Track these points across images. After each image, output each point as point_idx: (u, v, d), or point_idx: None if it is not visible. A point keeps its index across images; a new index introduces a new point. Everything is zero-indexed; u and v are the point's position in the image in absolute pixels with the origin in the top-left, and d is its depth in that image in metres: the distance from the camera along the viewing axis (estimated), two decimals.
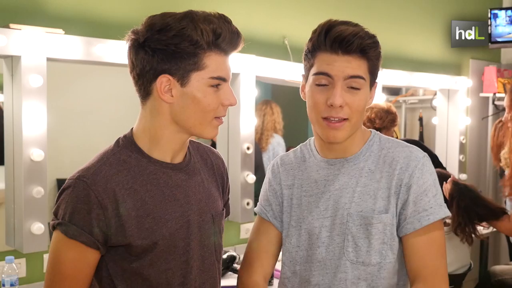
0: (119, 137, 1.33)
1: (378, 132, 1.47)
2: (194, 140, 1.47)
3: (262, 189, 1.55)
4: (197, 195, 1.35)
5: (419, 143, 3.53)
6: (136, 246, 1.24)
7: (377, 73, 1.39)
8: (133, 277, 1.27)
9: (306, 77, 1.40)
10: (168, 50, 1.21)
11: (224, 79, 1.26)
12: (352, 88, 1.31)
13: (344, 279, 1.35)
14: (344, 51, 1.30)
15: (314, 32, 1.36)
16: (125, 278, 1.27)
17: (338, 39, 1.29)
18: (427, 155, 1.38)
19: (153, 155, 1.29)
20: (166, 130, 1.28)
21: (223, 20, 1.24)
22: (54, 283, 1.24)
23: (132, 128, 1.33)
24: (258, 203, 1.55)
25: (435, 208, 1.33)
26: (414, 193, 1.32)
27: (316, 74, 1.33)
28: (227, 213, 1.52)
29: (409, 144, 1.41)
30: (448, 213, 1.35)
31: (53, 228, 1.25)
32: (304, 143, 1.52)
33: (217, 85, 1.25)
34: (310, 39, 1.36)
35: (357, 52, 1.30)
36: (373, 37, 1.33)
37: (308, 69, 1.38)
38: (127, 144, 1.30)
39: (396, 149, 1.38)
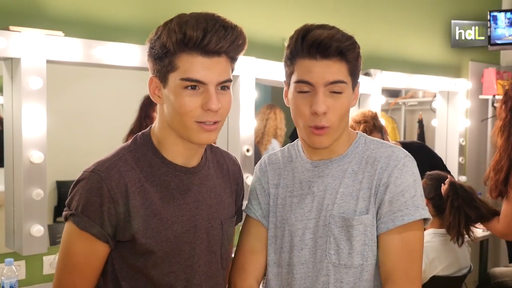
0: (137, 134, 1.34)
1: (365, 134, 1.45)
2: (213, 144, 1.47)
3: (250, 189, 1.53)
4: (208, 200, 1.34)
5: (424, 146, 3.52)
6: (140, 244, 1.25)
7: (359, 74, 1.36)
8: (137, 275, 1.28)
9: (287, 84, 1.38)
10: (152, 52, 1.24)
11: (199, 81, 1.20)
12: (334, 92, 1.30)
13: (326, 282, 1.34)
14: (322, 56, 1.27)
15: (291, 38, 1.33)
16: (129, 276, 1.28)
17: (315, 44, 1.27)
18: (410, 155, 1.36)
19: (165, 155, 1.30)
20: (165, 132, 1.29)
21: (203, 19, 1.19)
22: (64, 273, 1.26)
23: (150, 126, 1.34)
24: (246, 203, 1.52)
25: (411, 209, 1.30)
26: (391, 193, 1.31)
27: (297, 82, 1.31)
28: (239, 219, 1.51)
29: (392, 145, 1.40)
30: (426, 215, 1.32)
31: (65, 218, 1.26)
32: (292, 143, 1.51)
33: (192, 87, 1.21)
34: (288, 46, 1.34)
35: (335, 56, 1.28)
36: (350, 38, 1.30)
37: (289, 76, 1.36)
38: (144, 142, 1.31)
39: (379, 150, 1.37)
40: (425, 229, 1.46)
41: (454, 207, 2.56)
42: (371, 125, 2.79)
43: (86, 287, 1.27)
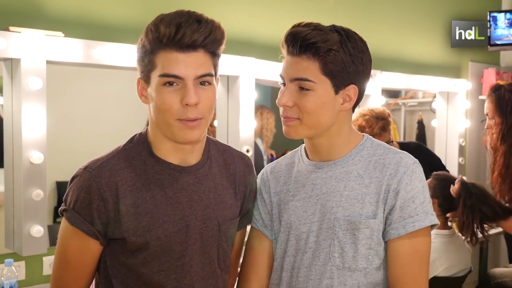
0: (135, 134, 1.35)
1: (371, 137, 1.44)
2: (223, 143, 1.46)
3: None
4: (204, 200, 1.33)
5: (421, 146, 3.52)
6: (130, 242, 1.25)
7: (344, 76, 1.30)
8: (128, 273, 1.29)
9: None
10: (136, 55, 1.27)
11: (175, 76, 1.20)
12: (302, 89, 1.30)
13: (330, 285, 1.33)
14: (292, 52, 1.30)
15: None
16: (120, 273, 1.29)
17: (286, 40, 1.32)
18: (417, 161, 1.36)
19: (160, 155, 1.30)
20: (155, 132, 1.30)
21: (177, 15, 1.21)
22: (60, 268, 1.31)
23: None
24: None
25: (421, 215, 1.31)
26: (401, 199, 1.30)
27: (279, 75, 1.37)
28: (248, 222, 1.49)
29: (400, 151, 1.39)
30: (435, 221, 1.33)
31: (61, 214, 1.29)
32: (296, 149, 1.51)
33: (170, 84, 1.21)
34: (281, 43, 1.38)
35: (305, 53, 1.28)
36: (322, 36, 1.26)
37: None
38: (140, 141, 1.32)
39: (387, 156, 1.36)
40: None
41: (467, 206, 2.51)
42: (388, 123, 2.88)
43: (79, 281, 1.31)
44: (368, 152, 1.38)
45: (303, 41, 1.27)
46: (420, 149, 3.31)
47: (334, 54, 1.28)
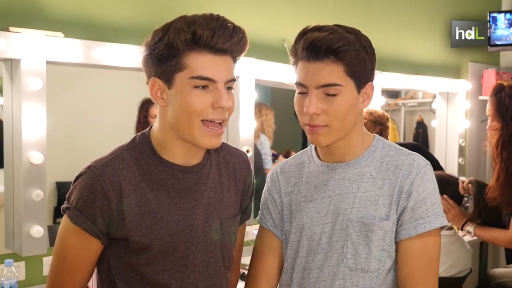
0: (137, 134, 1.35)
1: (382, 137, 1.44)
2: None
3: (262, 198, 1.53)
4: (206, 200, 1.34)
5: (419, 147, 3.51)
6: (134, 242, 1.26)
7: (365, 74, 1.32)
8: (131, 273, 1.29)
9: None
10: (154, 54, 1.23)
11: (209, 79, 1.21)
12: (329, 95, 1.29)
13: (342, 286, 1.34)
14: (314, 58, 1.27)
15: (294, 40, 1.34)
16: (124, 273, 1.29)
17: (306, 47, 1.28)
18: (429, 163, 1.37)
19: (164, 156, 1.30)
20: (167, 135, 1.29)
21: (210, 19, 1.21)
22: (58, 264, 1.31)
23: (151, 126, 1.35)
24: (259, 212, 1.53)
25: (432, 217, 1.31)
26: (413, 200, 1.31)
27: (296, 84, 1.33)
28: (247, 217, 1.50)
29: (412, 152, 1.39)
30: (445, 223, 1.34)
31: (63, 211, 1.30)
32: (305, 149, 1.51)
33: (203, 86, 1.22)
34: (291, 48, 1.35)
35: (328, 57, 1.26)
36: (344, 38, 1.26)
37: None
38: (142, 141, 1.32)
39: (399, 157, 1.37)
40: None
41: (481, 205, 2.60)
42: (386, 128, 2.89)
43: (76, 279, 1.31)
44: (380, 154, 1.39)
45: (328, 46, 1.25)
46: (417, 150, 3.31)
47: (356, 54, 1.28)
